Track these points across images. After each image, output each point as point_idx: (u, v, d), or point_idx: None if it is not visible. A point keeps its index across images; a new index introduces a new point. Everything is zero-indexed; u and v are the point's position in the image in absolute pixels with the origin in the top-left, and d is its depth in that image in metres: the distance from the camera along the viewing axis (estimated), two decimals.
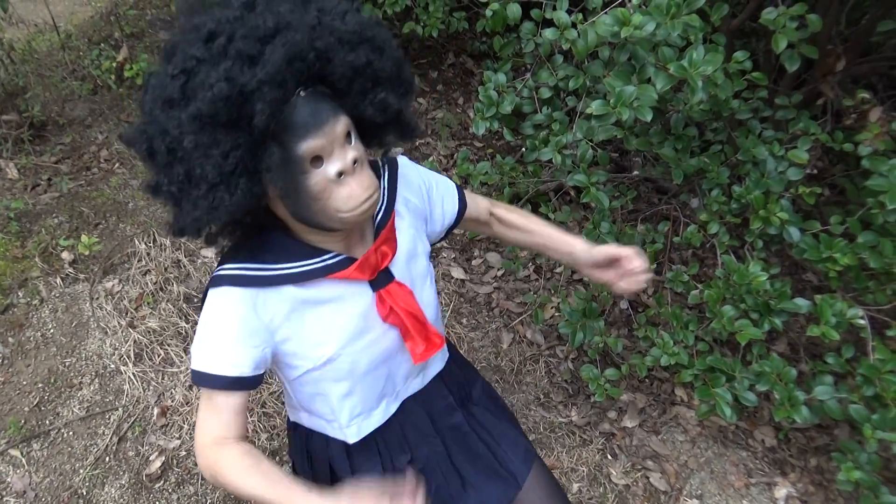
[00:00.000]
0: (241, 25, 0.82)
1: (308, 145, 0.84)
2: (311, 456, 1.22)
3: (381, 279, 1.04)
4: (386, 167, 1.12)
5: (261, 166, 0.85)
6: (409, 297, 1.06)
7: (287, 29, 0.81)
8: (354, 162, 0.88)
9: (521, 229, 1.26)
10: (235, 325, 0.93)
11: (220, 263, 0.98)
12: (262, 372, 0.98)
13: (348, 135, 0.88)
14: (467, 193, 1.26)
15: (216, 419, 0.95)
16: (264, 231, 0.99)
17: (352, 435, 1.14)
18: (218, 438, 0.94)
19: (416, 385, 1.21)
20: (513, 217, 1.27)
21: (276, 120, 0.82)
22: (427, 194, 1.18)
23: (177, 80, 0.81)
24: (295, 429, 1.24)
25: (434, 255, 2.75)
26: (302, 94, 0.84)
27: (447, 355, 1.30)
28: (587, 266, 1.18)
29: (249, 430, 2.08)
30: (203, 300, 0.97)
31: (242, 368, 0.94)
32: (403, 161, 1.16)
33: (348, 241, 1.01)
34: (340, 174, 0.87)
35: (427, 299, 1.12)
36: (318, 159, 0.86)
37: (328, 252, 0.99)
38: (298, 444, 1.24)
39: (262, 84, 0.78)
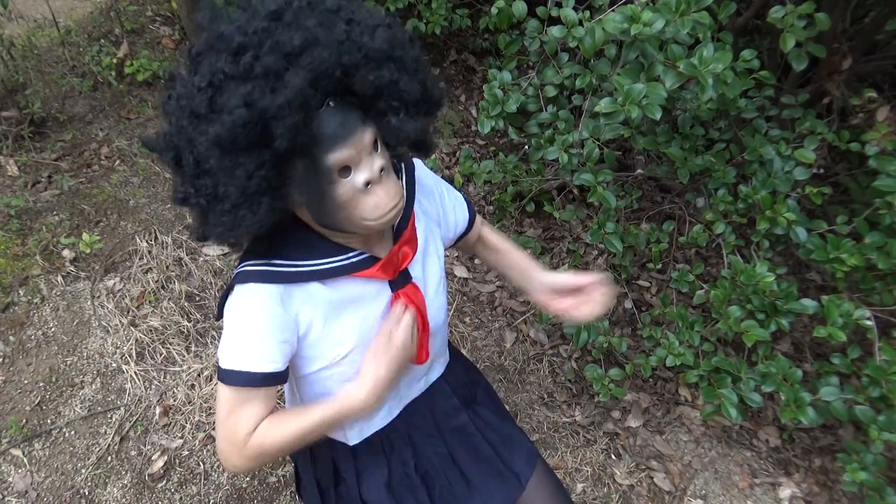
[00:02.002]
0: (268, 38, 0.79)
1: (337, 156, 0.82)
2: (315, 457, 1.21)
3: (399, 280, 1.04)
4: (403, 168, 1.11)
5: (287, 181, 0.84)
6: (422, 301, 1.06)
7: (314, 45, 0.78)
8: (381, 170, 0.87)
9: (496, 250, 1.30)
10: (266, 321, 0.92)
11: (242, 259, 0.97)
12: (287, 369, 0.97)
13: (375, 143, 0.87)
14: None
15: (250, 413, 0.93)
16: (286, 229, 0.97)
17: (353, 436, 1.14)
18: (249, 435, 0.93)
19: (418, 389, 1.21)
20: (493, 238, 1.31)
21: (304, 133, 0.80)
22: (440, 200, 1.17)
23: (204, 93, 0.78)
24: None
25: None
26: (331, 104, 0.82)
27: (447, 359, 1.29)
28: (543, 292, 1.19)
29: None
30: (224, 298, 0.95)
31: (276, 364, 0.93)
32: (418, 164, 1.15)
33: (369, 240, 1.01)
34: (368, 183, 0.86)
35: (438, 304, 1.12)
36: (345, 169, 0.85)
37: (352, 250, 0.98)
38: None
39: (281, 109, 0.76)
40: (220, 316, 0.97)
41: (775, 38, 2.13)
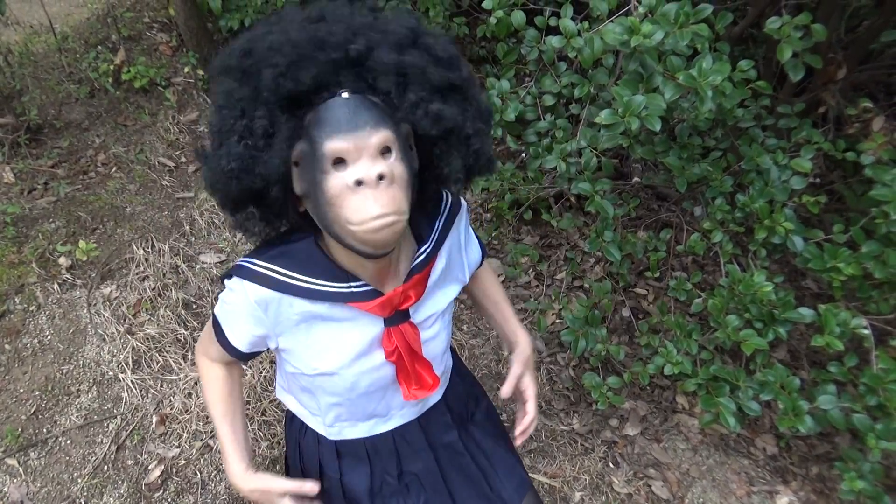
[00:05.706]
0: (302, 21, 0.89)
1: (331, 145, 0.81)
2: (302, 452, 1.22)
3: (396, 317, 1.01)
4: (447, 209, 1.07)
5: (289, 161, 0.87)
6: (416, 340, 1.03)
7: (333, 22, 0.86)
8: (380, 177, 0.82)
9: (488, 297, 1.29)
10: (244, 315, 0.99)
11: (250, 253, 0.99)
12: (257, 351, 1.07)
13: (388, 150, 0.84)
14: None
15: (214, 350, 1.08)
16: (301, 239, 0.97)
17: (333, 434, 1.14)
18: (209, 361, 1.13)
19: (411, 413, 1.18)
20: (488, 281, 1.30)
21: (313, 115, 0.84)
22: (464, 245, 1.14)
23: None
24: (291, 420, 1.24)
25: None
26: (344, 94, 0.83)
27: (446, 384, 1.25)
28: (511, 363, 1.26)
29: (249, 438, 2.06)
30: (224, 279, 1.01)
31: (240, 345, 1.04)
32: (465, 208, 1.12)
33: (380, 272, 0.98)
34: (359, 183, 0.82)
35: (434, 348, 1.10)
36: (341, 162, 0.82)
37: (356, 279, 0.96)
38: (292, 436, 1.25)
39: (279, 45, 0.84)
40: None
41: (771, 48, 2.15)
